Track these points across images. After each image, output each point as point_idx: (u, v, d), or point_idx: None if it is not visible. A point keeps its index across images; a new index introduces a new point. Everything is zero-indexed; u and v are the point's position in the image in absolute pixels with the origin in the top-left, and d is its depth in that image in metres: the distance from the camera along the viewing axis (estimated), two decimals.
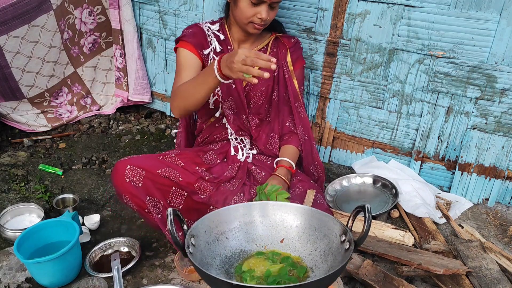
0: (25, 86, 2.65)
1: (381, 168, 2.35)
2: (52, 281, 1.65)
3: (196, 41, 1.83)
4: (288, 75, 1.95)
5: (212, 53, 1.86)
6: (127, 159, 1.67)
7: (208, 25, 1.90)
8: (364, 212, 1.18)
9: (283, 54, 1.95)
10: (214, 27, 1.90)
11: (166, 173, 1.68)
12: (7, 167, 2.39)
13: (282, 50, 1.96)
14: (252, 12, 1.71)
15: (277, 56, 1.93)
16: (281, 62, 1.94)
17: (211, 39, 1.87)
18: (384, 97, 2.28)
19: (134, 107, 3.10)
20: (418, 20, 2.05)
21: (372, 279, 1.62)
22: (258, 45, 1.94)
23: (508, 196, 2.21)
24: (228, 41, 1.90)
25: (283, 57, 1.95)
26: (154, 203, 1.66)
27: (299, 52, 2.01)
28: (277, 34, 1.98)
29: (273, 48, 1.96)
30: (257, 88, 1.91)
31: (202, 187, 1.75)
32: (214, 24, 1.92)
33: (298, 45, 2.02)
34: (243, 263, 1.33)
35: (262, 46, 1.94)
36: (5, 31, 2.38)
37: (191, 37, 1.84)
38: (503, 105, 2.03)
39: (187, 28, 1.90)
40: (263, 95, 1.93)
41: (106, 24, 2.83)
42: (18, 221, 1.98)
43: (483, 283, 1.64)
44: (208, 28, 1.89)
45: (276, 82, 1.95)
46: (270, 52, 1.94)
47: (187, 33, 1.86)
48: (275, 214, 1.41)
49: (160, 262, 1.82)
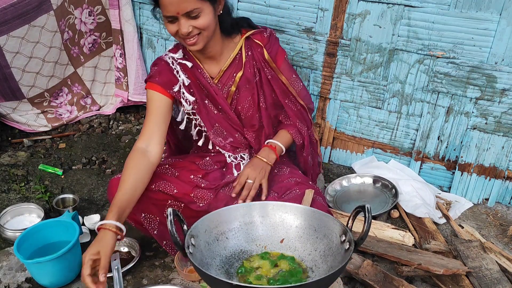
0: (25, 86, 2.65)
1: (381, 168, 2.35)
2: (52, 281, 1.65)
3: (163, 80, 1.69)
4: (270, 75, 1.81)
5: (182, 89, 1.72)
6: (120, 176, 1.65)
7: (171, 55, 1.74)
8: (364, 212, 1.18)
9: (260, 54, 1.79)
10: (177, 55, 1.74)
11: (161, 187, 1.66)
12: (7, 167, 2.39)
13: (257, 50, 1.79)
14: (174, 29, 1.58)
15: (254, 59, 1.79)
16: (259, 63, 1.79)
17: (178, 72, 1.72)
18: (384, 97, 2.28)
19: (134, 107, 3.10)
20: (418, 20, 2.05)
21: (372, 279, 1.62)
22: (230, 53, 1.77)
23: (508, 196, 2.21)
24: (197, 65, 1.76)
25: (261, 57, 1.79)
26: (150, 219, 1.66)
27: (276, 44, 1.84)
28: (247, 31, 1.80)
29: (247, 51, 1.78)
30: (243, 99, 1.81)
31: (199, 195, 1.72)
32: (177, 51, 1.75)
33: (273, 38, 1.84)
34: (249, 262, 1.33)
35: (235, 55, 1.77)
36: (5, 31, 2.38)
37: (158, 75, 1.70)
38: (503, 105, 2.03)
39: (152, 65, 1.75)
40: (252, 105, 1.82)
41: (106, 24, 2.83)
42: (18, 221, 1.98)
43: (483, 283, 1.64)
44: (172, 60, 1.73)
45: (259, 87, 1.81)
46: (246, 57, 1.78)
47: (153, 72, 1.72)
48: (275, 214, 1.41)
49: (160, 262, 1.82)
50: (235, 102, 1.81)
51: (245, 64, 1.78)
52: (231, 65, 1.78)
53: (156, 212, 1.66)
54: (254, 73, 1.79)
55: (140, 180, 1.56)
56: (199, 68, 1.76)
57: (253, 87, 1.80)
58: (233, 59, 1.78)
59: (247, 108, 1.82)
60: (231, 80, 1.79)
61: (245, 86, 1.80)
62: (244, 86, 1.80)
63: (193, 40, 1.59)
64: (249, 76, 1.79)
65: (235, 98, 1.81)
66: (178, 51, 1.75)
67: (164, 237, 1.70)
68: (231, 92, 1.79)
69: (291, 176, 1.81)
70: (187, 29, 1.55)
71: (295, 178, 1.78)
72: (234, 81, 1.78)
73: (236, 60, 1.78)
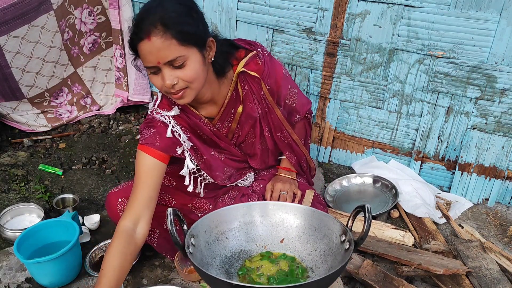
0: (25, 86, 2.65)
1: (381, 168, 2.35)
2: (52, 281, 1.65)
3: (166, 144, 1.51)
4: (267, 108, 1.66)
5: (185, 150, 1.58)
6: (117, 191, 1.63)
7: (166, 114, 1.53)
8: (364, 212, 1.18)
9: (257, 86, 1.61)
10: (174, 112, 1.55)
11: (159, 199, 1.62)
12: (7, 167, 2.39)
13: (254, 83, 1.60)
14: (159, 82, 1.38)
15: (252, 92, 1.61)
16: (258, 96, 1.62)
17: (180, 136, 1.55)
18: (384, 97, 2.28)
19: (134, 107, 3.10)
20: (418, 20, 2.05)
21: (372, 279, 1.62)
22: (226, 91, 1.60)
23: (508, 196, 2.21)
24: (196, 115, 1.59)
25: (259, 90, 1.61)
26: (149, 232, 1.61)
27: (272, 67, 1.63)
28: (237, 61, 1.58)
29: (244, 85, 1.60)
30: (245, 133, 1.70)
31: (198, 205, 1.71)
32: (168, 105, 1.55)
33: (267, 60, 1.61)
34: (251, 262, 1.34)
35: (231, 92, 1.60)
36: (5, 31, 2.38)
37: (158, 140, 1.50)
38: (503, 105, 2.03)
39: (146, 126, 1.54)
40: (254, 136, 1.72)
41: (106, 24, 2.83)
42: (18, 221, 1.99)
43: (483, 283, 1.64)
44: (169, 120, 1.54)
45: (262, 118, 1.69)
46: (243, 92, 1.61)
47: (150, 136, 1.51)
48: (275, 214, 1.41)
49: (160, 262, 1.82)
50: (236, 137, 1.71)
51: (243, 99, 1.62)
52: (229, 103, 1.62)
53: (155, 225, 1.63)
54: (256, 107, 1.65)
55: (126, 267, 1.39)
56: (197, 117, 1.60)
57: (256, 121, 1.68)
58: (230, 98, 1.61)
59: (249, 138, 1.73)
60: (231, 116, 1.65)
61: (247, 121, 1.68)
62: (246, 122, 1.68)
63: (179, 94, 1.39)
64: (250, 112, 1.65)
65: (237, 133, 1.70)
66: (171, 106, 1.55)
67: (164, 249, 1.70)
68: (232, 128, 1.68)
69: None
70: (171, 81, 1.35)
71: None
72: (234, 117, 1.66)
73: (233, 96, 1.62)
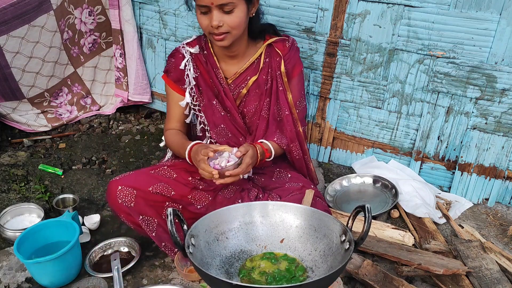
0: (25, 86, 2.64)
1: (381, 168, 2.35)
2: (52, 281, 1.65)
3: (176, 76, 1.79)
4: (282, 87, 1.80)
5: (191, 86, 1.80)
6: (118, 179, 1.66)
7: (188, 49, 1.78)
8: (364, 212, 1.18)
9: (277, 63, 1.79)
10: (194, 49, 1.78)
11: (158, 189, 1.65)
12: (7, 167, 2.39)
13: (276, 59, 1.79)
14: (206, 22, 1.59)
15: (270, 67, 1.79)
16: (274, 72, 1.79)
17: (190, 70, 1.77)
18: (384, 97, 2.28)
19: (134, 107, 3.10)
20: (418, 20, 2.05)
21: (372, 279, 1.62)
22: (250, 57, 1.79)
23: (508, 196, 2.21)
24: (214, 64, 1.79)
25: (277, 67, 1.79)
26: (148, 221, 1.65)
27: (295, 57, 1.83)
28: (270, 38, 1.80)
29: (266, 57, 1.79)
30: (251, 103, 1.82)
31: (197, 197, 1.73)
32: (194, 45, 1.78)
33: (293, 49, 1.83)
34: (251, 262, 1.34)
35: (254, 59, 1.79)
36: (5, 31, 2.38)
37: (173, 71, 1.79)
38: (503, 105, 2.03)
39: (170, 56, 1.81)
40: (258, 110, 1.83)
41: (106, 24, 2.83)
42: (18, 221, 1.98)
43: (483, 283, 1.64)
44: (187, 55, 1.78)
45: (268, 94, 1.81)
46: (264, 63, 1.79)
47: (170, 66, 1.80)
48: (275, 214, 1.41)
49: (160, 262, 1.82)
50: (243, 105, 1.84)
51: (261, 70, 1.80)
52: (248, 69, 1.80)
53: (154, 214, 1.66)
54: (267, 80, 1.81)
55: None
56: (215, 68, 1.78)
57: (262, 93, 1.81)
58: (251, 63, 1.80)
59: (252, 113, 1.84)
60: (244, 83, 1.81)
61: (255, 90, 1.82)
62: (254, 90, 1.82)
63: (221, 36, 1.60)
64: (261, 82, 1.81)
65: (244, 100, 1.83)
66: (195, 45, 1.78)
67: (162, 239, 1.70)
68: (241, 94, 1.82)
69: (293, 180, 1.83)
70: (218, 22, 1.56)
71: (297, 183, 1.81)
72: (246, 84, 1.81)
73: (254, 64, 1.80)
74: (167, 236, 1.70)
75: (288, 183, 1.82)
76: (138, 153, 2.64)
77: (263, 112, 1.83)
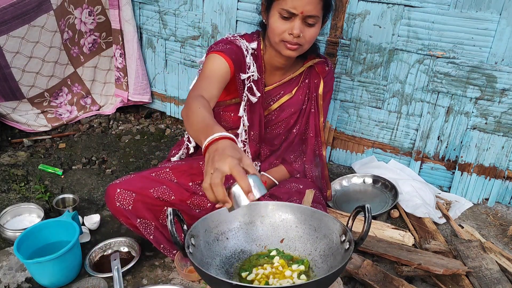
0: (25, 86, 2.65)
1: (381, 168, 2.35)
2: (52, 281, 1.65)
3: (236, 59, 1.61)
4: (314, 109, 1.80)
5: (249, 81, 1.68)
6: (118, 182, 1.65)
7: (246, 44, 1.67)
8: (364, 212, 1.18)
9: (315, 85, 1.78)
10: (253, 45, 1.68)
11: (158, 193, 1.65)
12: (7, 167, 2.39)
13: (314, 81, 1.78)
14: (283, 27, 1.53)
15: (308, 87, 1.79)
16: (311, 94, 1.78)
17: (250, 63, 1.66)
18: (384, 97, 2.28)
19: (134, 107, 3.10)
20: (418, 20, 2.05)
21: (372, 279, 1.62)
22: (290, 74, 1.77)
23: (508, 196, 2.21)
24: (260, 69, 1.71)
25: (315, 89, 1.78)
26: (145, 224, 1.65)
27: (331, 81, 1.85)
28: (313, 59, 1.77)
29: (306, 78, 1.78)
30: (278, 119, 1.80)
31: (196, 202, 1.72)
32: (252, 41, 1.69)
33: (331, 72, 1.84)
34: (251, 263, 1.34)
35: (293, 76, 1.77)
36: (5, 31, 2.38)
37: (232, 54, 1.60)
38: (503, 105, 2.03)
39: (224, 43, 1.63)
40: (284, 126, 1.83)
41: (106, 24, 2.83)
42: (18, 221, 1.98)
43: (483, 283, 1.64)
44: (246, 48, 1.66)
45: (302, 115, 1.80)
46: (301, 83, 1.79)
47: (225, 49, 1.61)
48: (275, 214, 1.41)
49: (160, 262, 1.82)
50: (269, 117, 1.82)
51: (297, 90, 1.79)
52: (285, 84, 1.79)
53: (152, 218, 1.65)
54: (304, 101, 1.80)
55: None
56: (261, 73, 1.73)
57: (295, 113, 1.81)
58: (290, 79, 1.78)
59: (277, 127, 1.83)
60: (276, 97, 1.80)
61: (288, 108, 1.81)
62: (287, 108, 1.81)
63: (294, 46, 1.56)
64: (295, 102, 1.80)
65: (273, 114, 1.81)
66: (253, 42, 1.69)
67: (160, 242, 1.70)
68: (271, 108, 1.81)
69: (295, 181, 1.83)
70: (299, 32, 1.52)
71: (299, 184, 1.82)
72: (279, 99, 1.80)
73: (292, 81, 1.79)
74: (164, 239, 1.70)
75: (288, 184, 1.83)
76: (138, 153, 2.64)
77: (295, 130, 1.85)
